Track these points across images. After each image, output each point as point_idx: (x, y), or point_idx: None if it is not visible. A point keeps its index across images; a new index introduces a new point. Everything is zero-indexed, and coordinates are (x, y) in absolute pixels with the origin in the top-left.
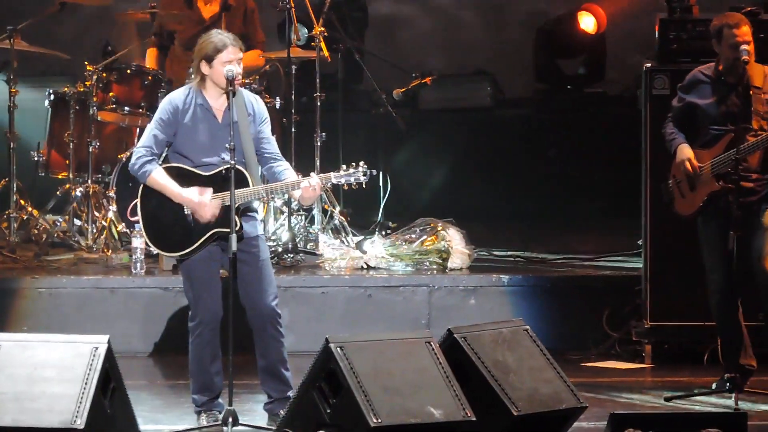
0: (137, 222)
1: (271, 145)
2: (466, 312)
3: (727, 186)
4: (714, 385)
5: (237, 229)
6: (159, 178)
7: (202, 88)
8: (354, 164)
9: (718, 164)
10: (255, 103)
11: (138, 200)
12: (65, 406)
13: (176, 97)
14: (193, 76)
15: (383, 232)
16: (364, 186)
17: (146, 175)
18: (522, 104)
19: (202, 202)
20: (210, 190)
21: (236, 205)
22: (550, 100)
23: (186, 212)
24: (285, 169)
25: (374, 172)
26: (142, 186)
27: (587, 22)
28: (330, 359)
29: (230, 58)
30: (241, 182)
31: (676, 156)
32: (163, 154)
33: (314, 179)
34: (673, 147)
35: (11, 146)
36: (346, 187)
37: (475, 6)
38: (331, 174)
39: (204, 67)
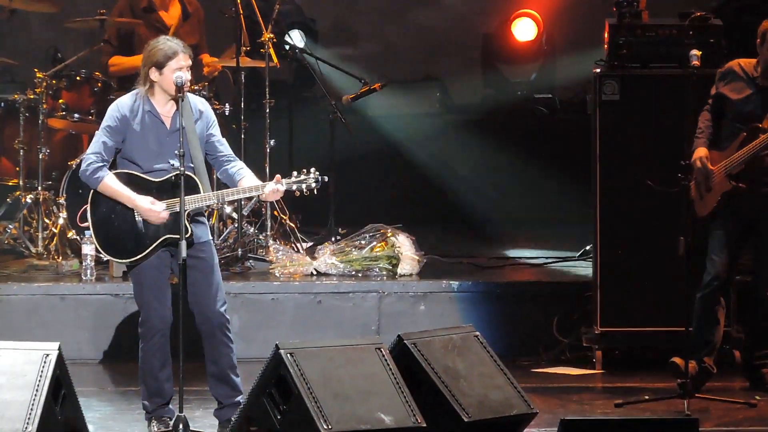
0: (87, 228)
1: (224, 147)
2: (416, 318)
3: (739, 186)
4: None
5: (188, 235)
6: (111, 183)
7: (150, 94)
8: (305, 171)
9: (731, 164)
10: (201, 106)
11: (88, 206)
12: (16, 413)
13: (123, 103)
14: (141, 82)
15: (333, 239)
16: (315, 192)
17: (98, 180)
18: (471, 110)
19: (154, 209)
20: (163, 202)
21: (186, 211)
22: (499, 105)
23: (137, 218)
24: (240, 169)
25: (326, 178)
26: (92, 192)
27: (523, 28)
28: (280, 365)
29: (180, 65)
30: (192, 188)
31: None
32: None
33: (268, 186)
34: (693, 148)
35: None
36: (297, 194)
37: (423, 12)
38: (283, 180)
39: (153, 74)
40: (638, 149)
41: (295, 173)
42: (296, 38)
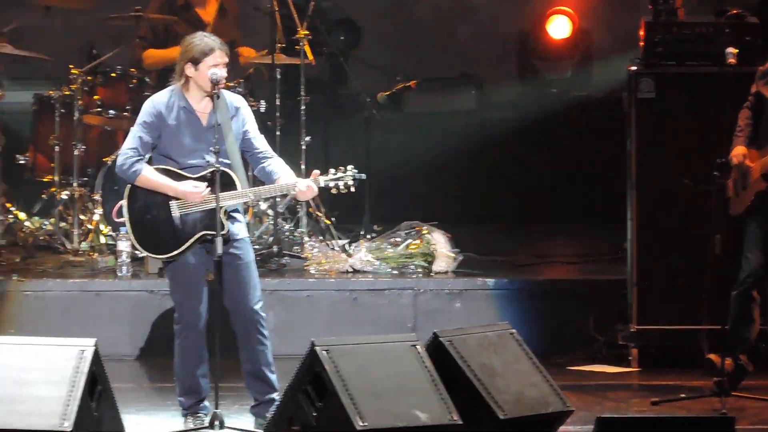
0: (122, 223)
1: (261, 143)
2: (451, 315)
3: None
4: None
5: (224, 231)
6: (150, 175)
7: (185, 90)
8: (342, 168)
9: (766, 165)
10: (237, 102)
11: (124, 201)
12: (52, 409)
13: (159, 99)
14: (176, 77)
15: (369, 236)
16: (352, 190)
17: (136, 174)
18: (506, 107)
19: (197, 191)
20: (204, 184)
21: (222, 208)
22: (535, 103)
23: (173, 214)
24: (276, 166)
25: (363, 176)
26: (128, 187)
27: (558, 26)
28: (316, 362)
29: (216, 61)
30: (229, 185)
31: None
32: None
33: (304, 183)
34: (732, 146)
35: None
36: (334, 191)
37: (459, 9)
38: (320, 178)
39: (189, 69)
40: (674, 147)
41: (332, 170)
42: (338, 35)
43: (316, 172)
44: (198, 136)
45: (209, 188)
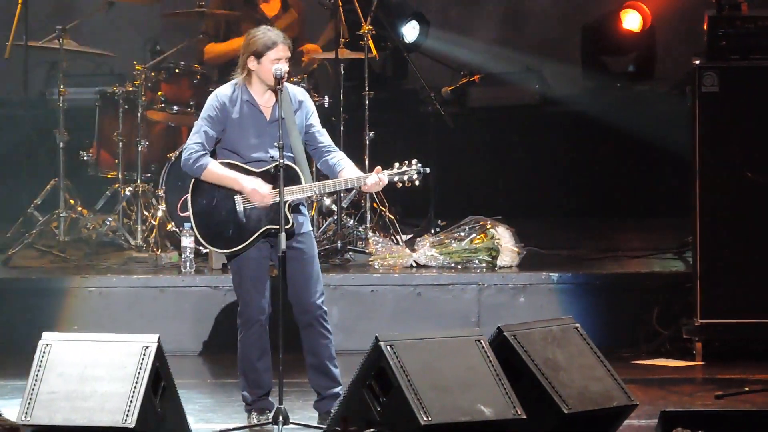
0: (187, 217)
1: (324, 137)
2: (515, 310)
3: None
4: None
5: (289, 225)
6: (215, 169)
7: (248, 83)
8: (407, 162)
9: None
10: (301, 96)
11: (189, 196)
12: (116, 405)
13: (223, 93)
14: (239, 70)
15: (432, 230)
16: (417, 184)
17: (202, 169)
18: (570, 101)
19: (260, 191)
20: (270, 185)
21: (287, 202)
22: (598, 97)
23: (238, 209)
24: (340, 160)
25: (428, 170)
26: (193, 181)
27: (632, 20)
28: (380, 357)
29: (279, 56)
30: (293, 179)
31: None
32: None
33: (371, 178)
34: None
35: (60, 146)
36: (399, 185)
37: (522, 4)
38: (385, 172)
39: (251, 63)
40: (738, 141)
41: (397, 164)
42: (411, 29)
43: (379, 168)
44: (261, 130)
45: (273, 189)
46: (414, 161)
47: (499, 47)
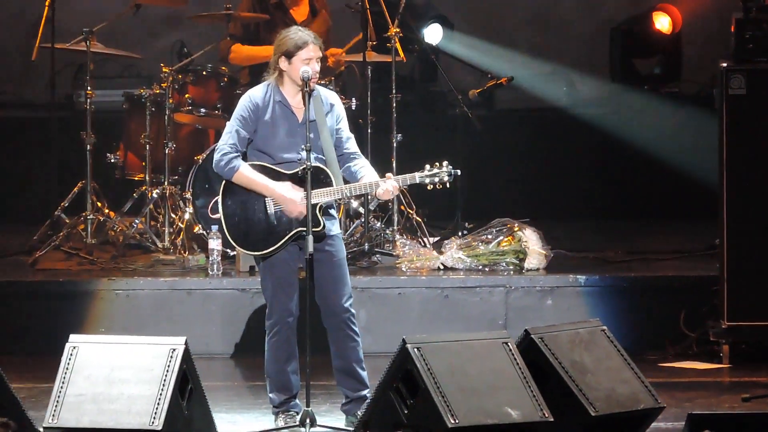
0: (218, 219)
1: (350, 143)
2: (543, 312)
3: None
4: None
5: (319, 228)
6: (247, 173)
7: (280, 84)
8: (438, 164)
9: None
10: (332, 99)
11: (219, 197)
12: (143, 408)
13: (256, 94)
14: (270, 71)
15: (460, 233)
16: (447, 186)
17: (233, 171)
18: (597, 104)
19: (294, 199)
20: (301, 190)
21: (319, 204)
22: (626, 99)
23: (269, 211)
24: (362, 167)
25: (458, 172)
26: (223, 183)
27: (663, 22)
28: (407, 360)
29: (310, 55)
30: (325, 181)
31: None
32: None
33: (390, 182)
34: None
35: (87, 148)
36: (430, 188)
37: (550, 6)
38: (416, 174)
39: (283, 63)
40: (765, 143)
41: (428, 166)
42: (434, 32)
43: (389, 174)
44: (293, 131)
45: (303, 194)
46: (445, 163)
47: (527, 50)
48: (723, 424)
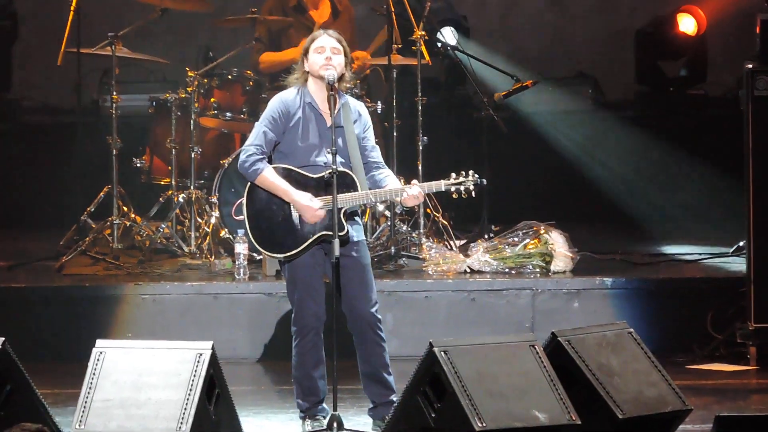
0: (241, 221)
1: (375, 152)
2: (569, 315)
3: None
4: None
5: (344, 232)
6: (270, 176)
7: (306, 86)
8: (463, 173)
9: None
10: (360, 109)
11: (244, 199)
12: (170, 412)
13: (286, 96)
14: (296, 74)
15: (486, 236)
16: (473, 195)
17: (257, 173)
18: (623, 106)
19: (312, 206)
20: (326, 194)
21: (343, 209)
22: (652, 102)
23: (293, 213)
24: (386, 176)
25: (484, 181)
26: (248, 185)
27: (687, 24)
28: (434, 363)
29: (321, 44)
30: (350, 186)
31: None
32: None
33: (415, 189)
34: None
35: (113, 153)
36: (455, 196)
37: (575, 9)
38: (441, 182)
39: (305, 63)
40: None
41: (453, 174)
42: (448, 35)
43: (415, 181)
44: (321, 134)
45: (322, 199)
46: (471, 172)
47: (551, 52)
48: (751, 427)
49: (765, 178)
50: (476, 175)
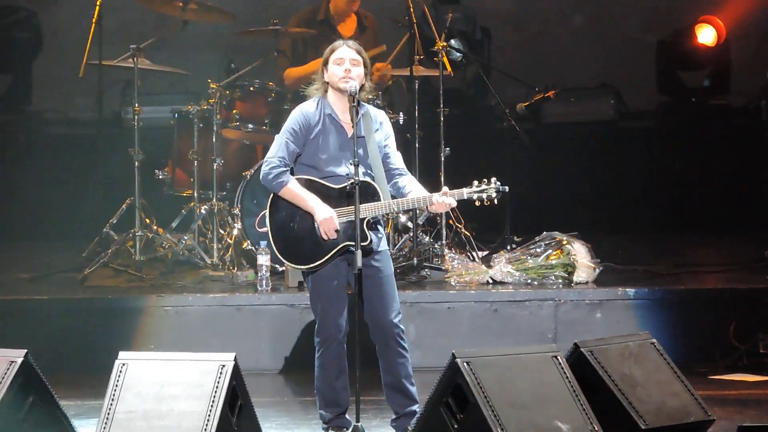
0: (264, 232)
1: (397, 160)
2: (592, 326)
3: None
4: None
5: (367, 242)
6: (294, 188)
7: (326, 97)
8: (486, 180)
9: None
10: (381, 118)
11: (267, 211)
12: (193, 424)
13: (307, 108)
14: (317, 85)
15: (508, 247)
16: (495, 202)
17: (282, 185)
18: (645, 117)
19: (332, 225)
20: (341, 210)
21: (366, 219)
22: (674, 112)
23: (317, 225)
24: (409, 183)
25: (506, 188)
26: (271, 196)
27: (706, 35)
28: (457, 374)
29: (341, 55)
30: (373, 196)
31: None
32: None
33: (438, 196)
34: None
35: (135, 165)
36: (477, 204)
37: (597, 20)
38: (464, 190)
39: (325, 74)
40: None
41: (476, 182)
42: (454, 46)
43: (446, 189)
44: (342, 145)
45: (349, 207)
46: (493, 179)
47: (574, 63)
48: None
49: None
50: (498, 182)
